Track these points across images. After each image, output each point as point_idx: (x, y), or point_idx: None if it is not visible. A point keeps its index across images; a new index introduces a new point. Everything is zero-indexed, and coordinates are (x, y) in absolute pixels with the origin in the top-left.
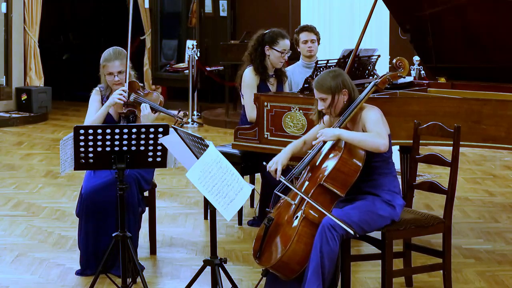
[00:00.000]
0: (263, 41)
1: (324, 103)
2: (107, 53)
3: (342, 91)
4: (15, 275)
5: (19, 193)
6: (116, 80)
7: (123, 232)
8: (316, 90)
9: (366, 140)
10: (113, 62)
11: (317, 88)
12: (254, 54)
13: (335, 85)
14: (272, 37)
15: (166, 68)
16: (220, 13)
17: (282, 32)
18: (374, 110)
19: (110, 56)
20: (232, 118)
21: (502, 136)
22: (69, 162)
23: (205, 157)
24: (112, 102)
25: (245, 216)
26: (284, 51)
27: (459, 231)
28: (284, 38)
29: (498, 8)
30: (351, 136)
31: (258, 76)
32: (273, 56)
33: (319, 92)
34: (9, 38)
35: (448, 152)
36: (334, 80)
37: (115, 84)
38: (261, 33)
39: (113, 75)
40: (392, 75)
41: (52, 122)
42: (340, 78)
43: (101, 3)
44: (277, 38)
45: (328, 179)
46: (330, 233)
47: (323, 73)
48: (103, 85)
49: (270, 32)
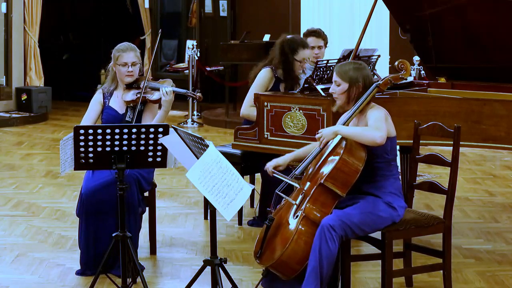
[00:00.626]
0: (284, 49)
1: (336, 88)
2: (122, 45)
3: (357, 84)
4: (15, 275)
5: (19, 193)
6: (129, 71)
7: (123, 232)
8: (335, 73)
9: (362, 133)
10: (128, 52)
11: (337, 71)
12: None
13: (354, 75)
14: (292, 47)
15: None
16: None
17: (303, 41)
18: (380, 109)
19: (126, 47)
20: (232, 118)
21: (502, 136)
22: (69, 162)
23: (205, 157)
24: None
25: (245, 216)
26: (303, 60)
27: (459, 231)
28: (304, 47)
29: (498, 8)
30: (348, 131)
31: (273, 79)
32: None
33: (336, 75)
34: (9, 38)
35: (448, 152)
36: (354, 70)
37: (127, 75)
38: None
39: (127, 65)
40: (394, 77)
41: (52, 122)
42: (361, 71)
43: (101, 3)
44: (298, 48)
45: (329, 179)
46: (329, 234)
47: (349, 62)
48: (106, 84)
49: (291, 40)
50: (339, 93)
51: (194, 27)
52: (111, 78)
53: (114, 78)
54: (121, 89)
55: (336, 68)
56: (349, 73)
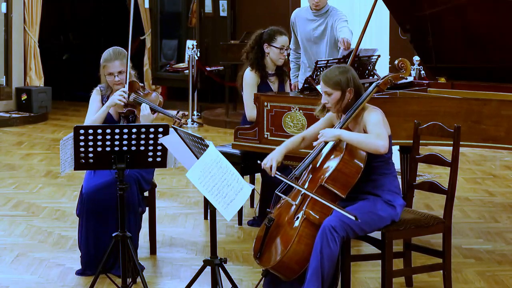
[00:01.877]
0: (261, 40)
1: (328, 98)
2: (107, 54)
3: (348, 89)
4: (15, 275)
5: (19, 193)
6: (116, 80)
7: (123, 232)
8: (323, 83)
9: (365, 141)
10: (113, 62)
11: (325, 81)
12: (251, 52)
13: (343, 80)
14: (269, 34)
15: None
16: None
17: (280, 29)
18: (376, 111)
19: (110, 56)
20: (232, 118)
21: (502, 136)
22: (69, 162)
23: (205, 157)
24: (112, 103)
25: (245, 216)
26: (283, 47)
27: (459, 231)
28: (282, 34)
29: (498, 8)
30: (351, 137)
31: (258, 76)
32: (272, 53)
33: (325, 85)
34: (9, 38)
35: (448, 152)
36: (342, 76)
37: (115, 84)
38: (260, 32)
39: (113, 75)
40: (394, 77)
41: (52, 122)
42: (347, 74)
43: (101, 3)
44: (275, 34)
45: (329, 180)
46: (331, 235)
47: (332, 68)
48: (104, 85)
49: (268, 30)
50: (332, 102)
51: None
52: (106, 84)
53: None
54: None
55: (322, 78)
56: (337, 79)
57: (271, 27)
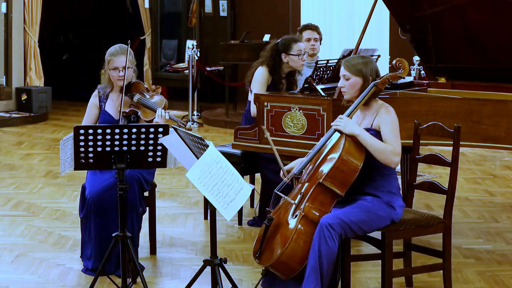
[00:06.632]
0: (278, 51)
1: (345, 82)
2: (113, 49)
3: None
4: (15, 275)
5: (19, 193)
6: (120, 76)
7: (123, 232)
8: (344, 67)
9: (382, 152)
10: (119, 56)
11: (346, 66)
12: (271, 62)
13: (364, 69)
14: (285, 45)
15: (166, 68)
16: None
17: (294, 37)
18: (392, 114)
19: (117, 51)
20: (232, 118)
21: (502, 136)
22: (69, 162)
23: (205, 157)
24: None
25: (245, 216)
26: (300, 52)
27: (459, 231)
28: (296, 41)
29: (498, 8)
30: (368, 141)
31: (270, 77)
32: (292, 62)
33: (345, 69)
34: (9, 38)
35: (448, 152)
36: (364, 65)
37: (118, 79)
38: (274, 43)
39: (118, 70)
40: (392, 76)
41: (52, 122)
42: (370, 65)
43: (101, 3)
44: (290, 43)
45: (328, 178)
46: (328, 232)
47: (356, 55)
48: (103, 85)
49: (282, 40)
50: (348, 87)
51: (194, 27)
52: (107, 80)
53: (110, 80)
54: (116, 92)
55: (344, 62)
56: (358, 66)
57: (284, 36)
